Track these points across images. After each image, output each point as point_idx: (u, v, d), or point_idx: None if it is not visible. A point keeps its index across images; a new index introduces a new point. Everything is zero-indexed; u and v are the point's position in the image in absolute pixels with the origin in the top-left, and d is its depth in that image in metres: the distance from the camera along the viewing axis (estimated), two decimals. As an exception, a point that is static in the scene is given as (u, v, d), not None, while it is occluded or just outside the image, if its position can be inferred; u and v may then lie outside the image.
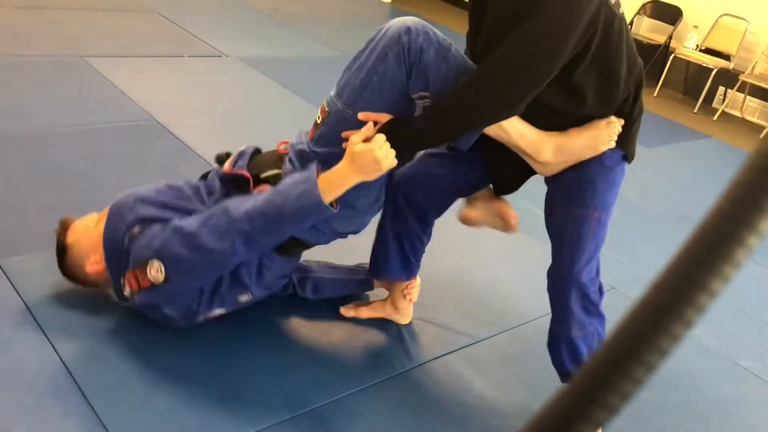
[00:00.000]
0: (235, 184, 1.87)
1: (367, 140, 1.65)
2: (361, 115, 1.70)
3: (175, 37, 4.45)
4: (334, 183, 1.69)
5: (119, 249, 1.80)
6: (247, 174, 1.85)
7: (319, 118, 1.77)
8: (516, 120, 1.69)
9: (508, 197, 1.99)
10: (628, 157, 1.78)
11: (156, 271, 1.73)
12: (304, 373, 1.87)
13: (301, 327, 2.09)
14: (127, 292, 1.80)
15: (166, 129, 3.12)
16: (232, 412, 1.68)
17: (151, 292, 1.76)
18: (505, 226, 2.00)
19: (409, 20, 1.67)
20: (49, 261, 2.03)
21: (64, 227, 1.94)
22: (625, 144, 1.75)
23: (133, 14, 4.71)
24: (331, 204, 1.70)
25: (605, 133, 1.71)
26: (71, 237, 1.92)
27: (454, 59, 1.65)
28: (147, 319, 1.85)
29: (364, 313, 2.15)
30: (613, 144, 1.72)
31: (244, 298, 1.91)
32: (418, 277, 2.11)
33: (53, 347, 1.76)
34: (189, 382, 1.75)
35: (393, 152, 1.66)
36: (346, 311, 2.14)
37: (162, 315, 1.82)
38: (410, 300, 2.13)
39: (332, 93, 1.75)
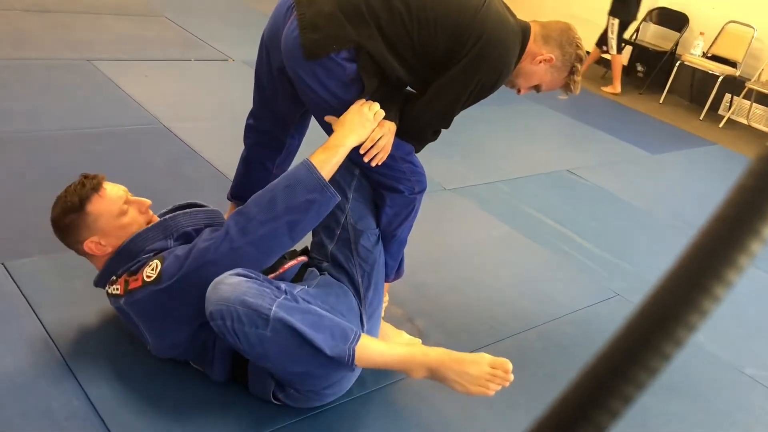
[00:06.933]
0: None
1: None
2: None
3: (181, 41, 4.47)
4: (328, 147, 1.73)
5: (135, 254, 1.73)
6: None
7: None
8: (374, 345, 1.62)
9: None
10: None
11: (151, 270, 1.66)
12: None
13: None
14: (118, 290, 1.71)
15: (172, 133, 3.14)
16: (237, 417, 1.68)
17: (137, 294, 1.65)
18: None
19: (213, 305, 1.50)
20: (55, 263, 2.03)
21: (93, 188, 1.73)
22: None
23: (140, 18, 4.74)
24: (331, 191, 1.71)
25: (485, 375, 1.58)
26: (94, 206, 1.71)
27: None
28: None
29: None
30: (492, 394, 1.58)
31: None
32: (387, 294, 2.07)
33: (57, 349, 1.76)
34: (193, 386, 1.75)
35: (377, 104, 1.76)
36: None
37: (137, 330, 1.73)
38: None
39: None
